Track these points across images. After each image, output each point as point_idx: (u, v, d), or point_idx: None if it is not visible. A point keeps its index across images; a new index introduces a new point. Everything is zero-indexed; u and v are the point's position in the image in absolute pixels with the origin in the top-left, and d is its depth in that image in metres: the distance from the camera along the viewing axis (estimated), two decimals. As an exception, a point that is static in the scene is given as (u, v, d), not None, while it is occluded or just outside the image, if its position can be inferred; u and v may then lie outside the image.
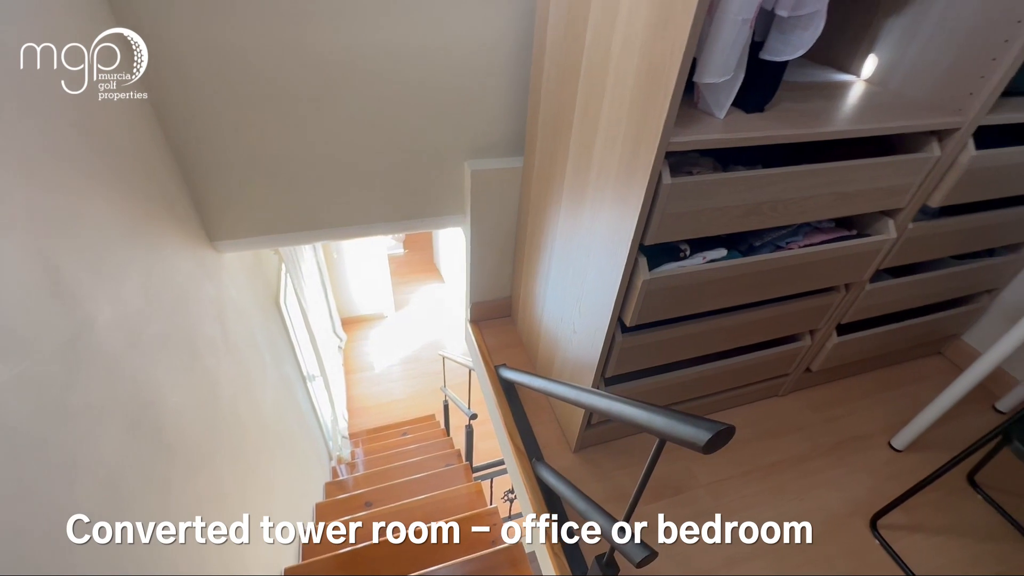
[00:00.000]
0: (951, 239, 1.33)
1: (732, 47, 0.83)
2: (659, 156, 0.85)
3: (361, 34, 1.21)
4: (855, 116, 1.06)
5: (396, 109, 1.35)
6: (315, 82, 1.25)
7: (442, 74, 1.33)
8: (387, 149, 1.42)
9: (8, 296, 0.68)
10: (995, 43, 0.98)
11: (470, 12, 1.25)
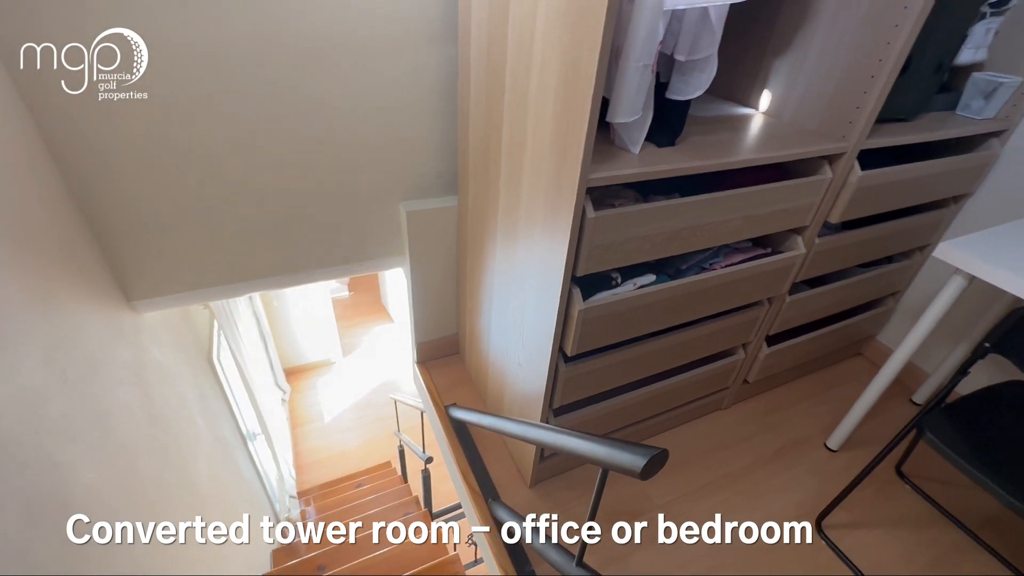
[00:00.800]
0: (853, 250, 1.46)
1: (638, 90, 0.89)
2: (580, 192, 0.89)
3: (286, 79, 1.21)
4: (757, 145, 1.16)
5: (326, 153, 1.35)
6: (237, 129, 1.23)
7: (372, 117, 1.34)
8: (318, 194, 1.40)
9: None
10: (864, 78, 1.11)
11: (398, 59, 1.28)
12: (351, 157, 1.38)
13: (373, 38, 1.23)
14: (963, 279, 1.20)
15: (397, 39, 1.26)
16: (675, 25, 0.94)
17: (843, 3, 1.12)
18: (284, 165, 1.32)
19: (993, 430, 1.11)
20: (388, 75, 1.30)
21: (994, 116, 1.43)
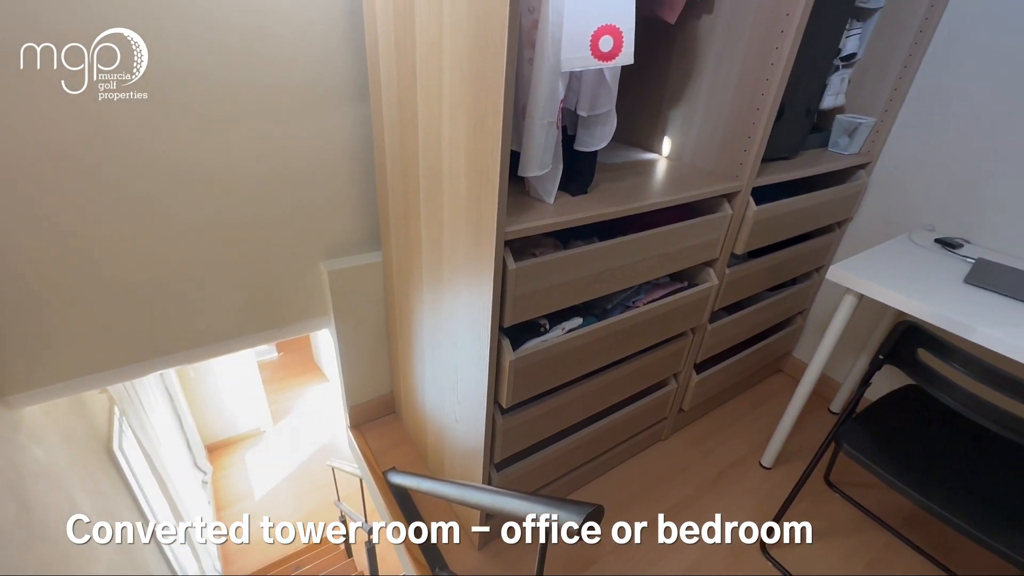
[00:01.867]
0: (760, 276, 1.57)
1: (545, 145, 0.93)
2: (499, 245, 0.90)
3: (183, 146, 1.15)
4: (663, 188, 1.23)
5: (235, 218, 1.28)
6: (125, 199, 1.14)
7: (286, 179, 1.30)
8: (227, 260, 1.32)
9: None
10: (747, 124, 1.23)
11: (309, 119, 1.26)
12: (264, 220, 1.32)
13: (282, 100, 1.21)
14: (854, 296, 1.32)
15: (308, 100, 1.24)
16: (575, 84, 1.00)
17: (722, 61, 1.25)
18: (187, 232, 1.23)
19: (900, 435, 1.20)
20: (300, 136, 1.27)
21: (859, 151, 1.64)
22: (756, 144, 1.23)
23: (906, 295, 1.20)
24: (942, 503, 1.03)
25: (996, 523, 0.99)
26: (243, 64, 1.13)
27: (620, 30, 0.82)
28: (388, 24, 1.05)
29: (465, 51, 0.82)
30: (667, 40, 1.35)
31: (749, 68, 1.20)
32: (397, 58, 1.06)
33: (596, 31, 0.82)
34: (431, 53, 0.92)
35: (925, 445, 1.18)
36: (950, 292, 1.22)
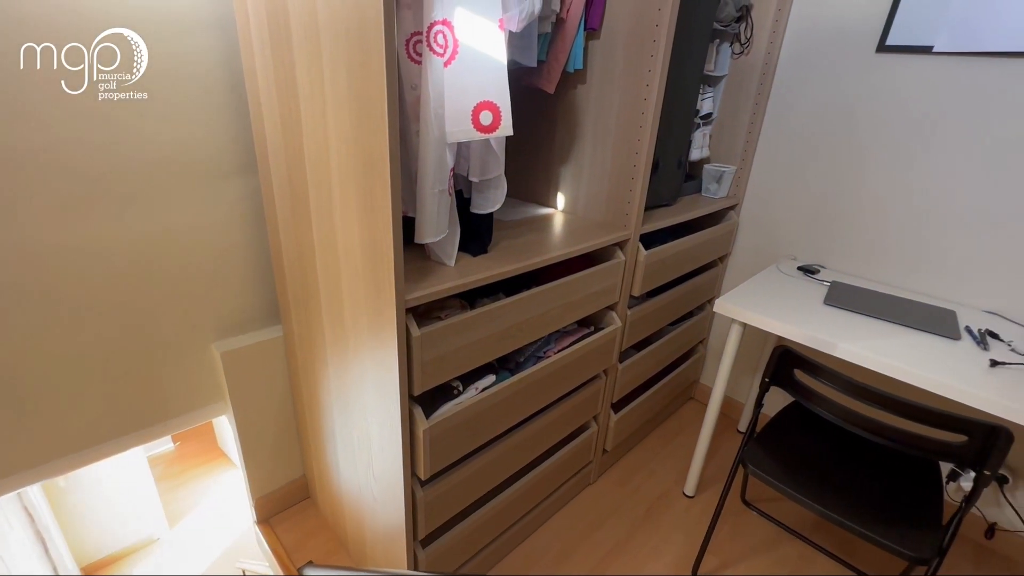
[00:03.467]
0: (660, 313, 1.69)
1: (439, 211, 0.95)
2: (401, 313, 0.88)
3: (44, 230, 1.02)
4: (561, 241, 1.30)
5: (110, 301, 1.15)
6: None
7: (169, 258, 1.20)
8: (102, 351, 1.17)
9: None
10: (628, 178, 1.35)
11: (194, 194, 1.19)
12: (141, 304, 1.20)
13: (159, 175, 1.14)
14: (739, 324, 1.45)
15: (189, 174, 1.18)
16: (465, 152, 1.05)
17: (599, 123, 1.38)
18: (48, 322, 1.08)
19: (793, 450, 1.31)
20: (181, 212, 1.19)
21: (727, 195, 1.85)
22: (638, 195, 1.35)
23: (778, 320, 1.34)
24: (836, 509, 1.12)
25: (881, 521, 1.09)
26: (109, 137, 1.05)
27: (498, 106, 0.88)
28: (272, 98, 1.04)
29: (350, 126, 0.83)
30: (552, 106, 1.47)
31: (622, 129, 1.33)
32: (283, 132, 1.04)
33: (476, 107, 0.88)
34: (316, 127, 0.92)
35: (815, 457, 1.29)
36: (813, 314, 1.39)
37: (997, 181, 1.39)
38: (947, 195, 1.47)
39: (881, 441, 1.06)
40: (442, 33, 0.84)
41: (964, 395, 1.09)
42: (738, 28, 1.68)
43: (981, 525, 1.59)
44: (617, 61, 1.29)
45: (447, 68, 0.86)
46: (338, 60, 0.80)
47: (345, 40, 0.78)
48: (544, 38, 1.24)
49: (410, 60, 0.91)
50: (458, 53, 0.84)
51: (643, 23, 1.22)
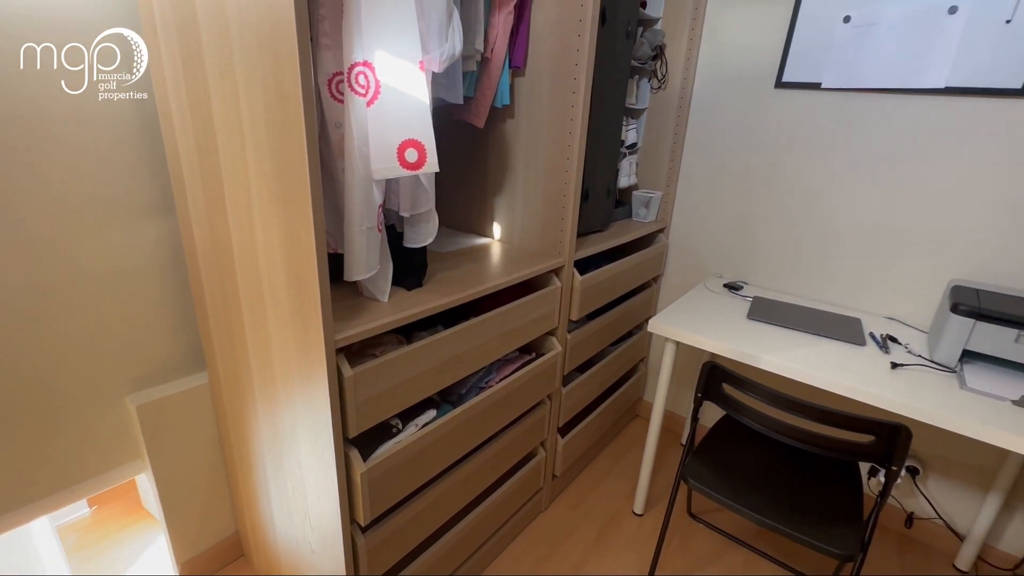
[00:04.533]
0: (600, 335, 1.73)
1: (368, 248, 0.94)
2: (331, 354, 0.86)
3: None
4: (497, 271, 1.32)
5: (3, 356, 1.04)
6: None
7: (74, 307, 1.11)
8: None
9: None
10: (559, 207, 1.40)
11: (102, 239, 1.11)
12: (46, 356, 1.09)
13: (64, 217, 1.06)
14: (672, 342, 1.52)
15: (98, 215, 1.10)
16: (395, 187, 1.05)
17: (529, 155, 1.42)
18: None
19: (729, 461, 1.37)
20: (94, 254, 1.11)
21: (656, 219, 1.95)
22: (570, 223, 1.40)
23: (707, 336, 1.42)
24: (769, 515, 1.17)
25: (809, 522, 1.16)
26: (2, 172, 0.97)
27: (423, 144, 0.89)
28: (188, 136, 1.01)
29: (270, 165, 0.82)
30: (484, 139, 1.51)
31: (551, 160, 1.38)
32: (201, 171, 1.01)
33: (401, 144, 0.89)
34: (236, 167, 0.90)
35: (749, 467, 1.35)
36: (738, 328, 1.48)
37: (883, 198, 1.55)
38: (843, 213, 1.63)
39: (804, 446, 1.13)
40: (363, 74, 0.85)
41: (871, 397, 1.18)
42: (654, 65, 1.81)
43: (901, 516, 1.72)
44: (542, 97, 1.35)
45: (370, 108, 0.86)
46: (255, 100, 0.79)
47: (261, 80, 0.77)
48: (471, 76, 1.28)
49: (333, 99, 0.91)
50: (380, 93, 0.86)
51: (564, 62, 1.29)
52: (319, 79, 0.91)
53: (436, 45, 0.91)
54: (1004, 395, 1.15)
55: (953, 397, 1.16)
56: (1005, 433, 1.04)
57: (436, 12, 0.89)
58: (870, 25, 1.45)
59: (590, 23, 1.23)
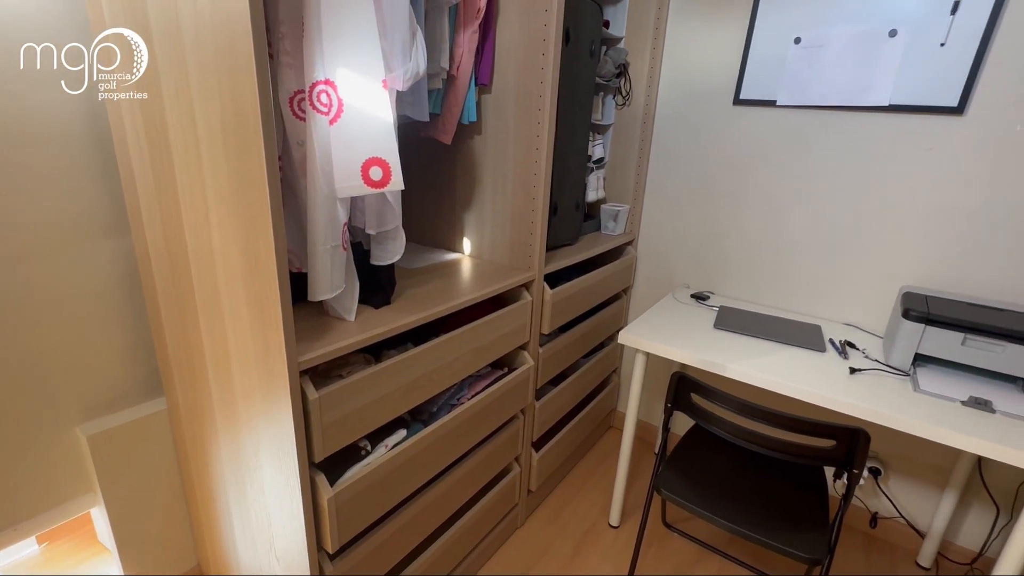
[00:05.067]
0: (571, 347, 1.74)
1: (333, 268, 0.92)
2: (294, 377, 0.84)
3: None
4: (467, 287, 1.31)
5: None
6: None
7: (21, 331, 1.05)
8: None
9: None
10: (528, 222, 1.41)
11: (50, 261, 1.06)
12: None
13: (4, 241, 1.00)
14: (642, 353, 1.54)
15: (45, 237, 1.05)
16: (361, 205, 1.04)
17: (497, 171, 1.43)
18: None
19: (700, 470, 1.39)
20: (39, 277, 1.05)
21: (624, 231, 1.99)
22: (538, 237, 1.41)
23: (675, 347, 1.44)
24: (739, 522, 1.19)
25: (777, 528, 1.18)
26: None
27: (387, 162, 0.89)
28: (143, 156, 0.98)
29: (228, 184, 0.80)
30: (452, 154, 1.51)
31: (519, 175, 1.40)
32: (157, 190, 0.98)
33: (365, 163, 0.88)
34: (193, 185, 0.87)
35: (719, 475, 1.37)
36: (705, 338, 1.51)
37: (836, 210, 1.62)
38: (801, 224, 1.69)
39: (770, 453, 1.16)
40: (325, 92, 0.84)
41: (831, 402, 1.22)
42: (618, 82, 1.85)
43: (866, 516, 1.77)
44: (509, 113, 1.37)
45: (333, 126, 0.86)
46: (212, 118, 0.78)
47: (218, 97, 0.75)
48: (437, 93, 1.28)
49: (295, 117, 0.90)
50: (343, 112, 0.85)
51: (529, 79, 1.31)
52: (280, 97, 0.90)
53: (400, 64, 0.91)
54: (954, 396, 1.21)
55: (908, 400, 1.21)
56: (955, 433, 1.09)
57: (399, 31, 0.90)
58: (819, 46, 1.53)
59: (554, 42, 1.25)
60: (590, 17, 1.53)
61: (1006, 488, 1.51)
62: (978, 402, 1.18)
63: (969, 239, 1.44)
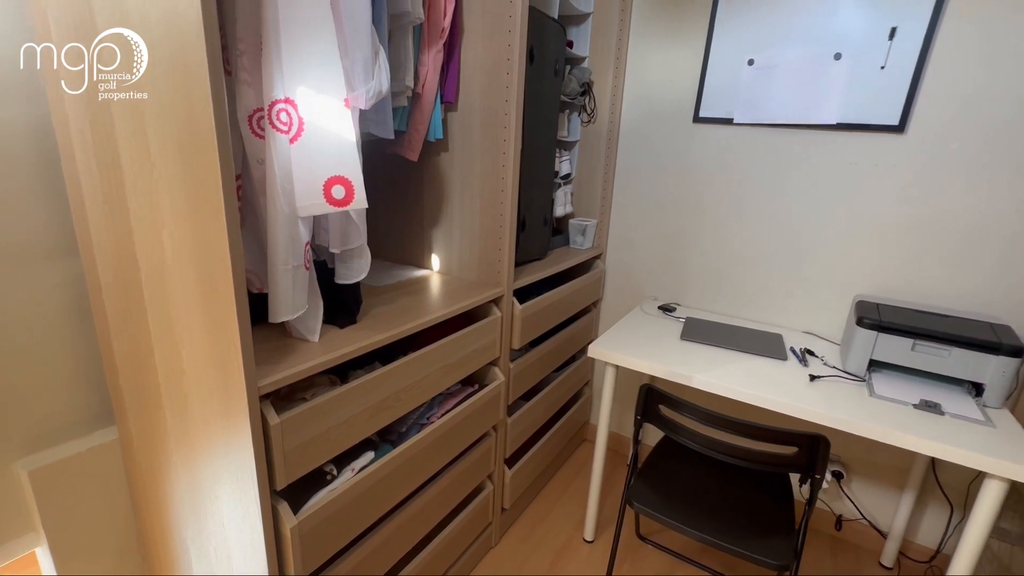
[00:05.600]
0: (543, 362, 1.74)
1: (294, 288, 0.90)
2: (254, 402, 0.81)
3: None
4: (436, 303, 1.30)
5: None
6: None
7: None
8: None
9: None
10: (496, 238, 1.42)
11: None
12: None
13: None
14: (612, 366, 1.55)
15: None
16: (324, 223, 1.02)
17: (464, 187, 1.44)
18: None
19: (670, 481, 1.40)
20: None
21: (592, 245, 2.01)
22: (507, 253, 1.42)
23: (643, 359, 1.46)
24: (709, 532, 1.21)
25: (746, 536, 1.20)
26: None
27: (350, 180, 0.88)
28: (93, 173, 0.94)
29: (184, 203, 0.77)
30: (419, 171, 1.51)
31: (487, 192, 1.40)
32: (107, 209, 0.94)
33: (327, 181, 0.87)
34: (146, 207, 0.84)
35: (689, 485, 1.39)
36: (672, 349, 1.53)
37: (793, 223, 1.69)
38: (762, 236, 1.76)
39: (737, 462, 1.18)
40: (285, 111, 0.83)
41: (793, 409, 1.26)
42: (583, 100, 1.90)
43: (831, 519, 1.81)
44: (475, 131, 1.38)
45: (293, 144, 0.84)
46: (166, 136, 0.76)
47: (173, 115, 0.73)
48: (402, 111, 1.28)
49: (254, 135, 0.89)
50: (304, 130, 0.84)
51: (495, 98, 1.32)
52: (239, 114, 0.88)
53: (362, 82, 0.91)
54: (907, 400, 1.26)
55: (864, 404, 1.26)
56: (908, 435, 1.14)
57: (361, 50, 0.90)
58: (771, 68, 1.61)
59: (518, 62, 1.27)
60: (554, 37, 1.57)
61: (958, 487, 1.57)
62: (928, 405, 1.23)
63: (914, 249, 1.52)
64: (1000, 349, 1.23)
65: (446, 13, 1.23)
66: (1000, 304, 1.43)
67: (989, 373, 1.25)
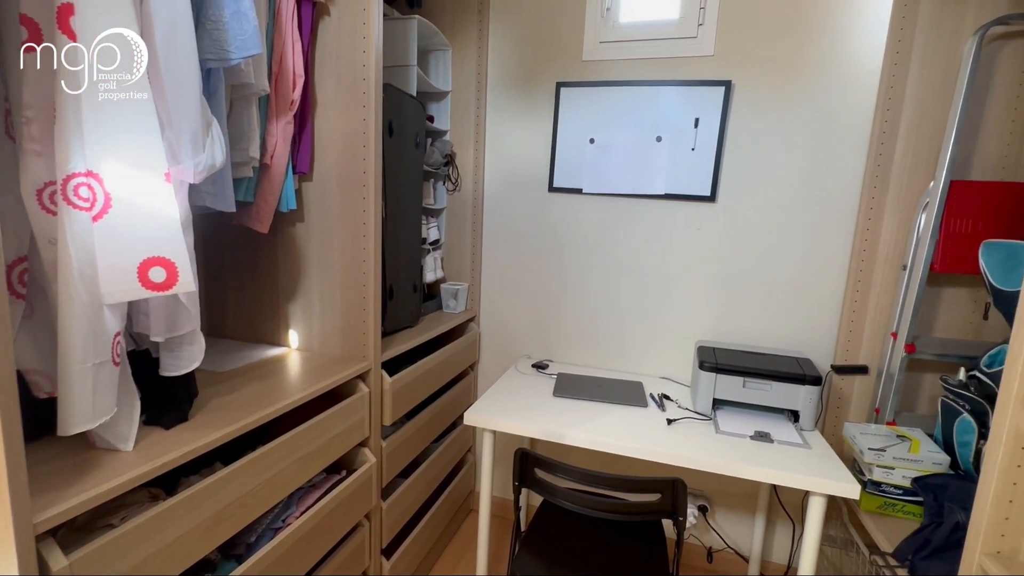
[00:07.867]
0: (420, 434, 1.66)
1: (96, 390, 0.75)
2: (25, 542, 0.64)
3: None
4: (292, 385, 1.18)
5: None
6: None
7: None
8: None
9: None
10: (360, 309, 1.36)
11: None
12: None
13: None
14: (489, 431, 1.53)
15: None
16: (143, 308, 0.89)
17: (323, 258, 1.37)
18: None
19: (554, 545, 1.38)
20: None
21: (465, 308, 2.03)
22: (372, 323, 1.36)
23: (518, 421, 1.47)
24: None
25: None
26: None
27: (172, 261, 0.78)
28: None
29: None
30: (272, 242, 1.41)
31: (347, 262, 1.35)
32: None
33: (143, 263, 0.76)
34: None
35: (572, 547, 1.38)
36: (546, 407, 1.57)
37: (639, 280, 1.88)
38: (615, 294, 1.92)
39: (610, 516, 1.21)
40: (86, 185, 0.72)
41: (654, 454, 1.34)
42: (447, 170, 1.97)
43: (703, 552, 1.93)
44: (332, 201, 1.34)
45: (97, 223, 0.73)
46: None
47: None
48: (248, 182, 1.20)
49: (44, 211, 0.75)
50: (111, 206, 0.74)
51: (352, 168, 1.31)
52: (24, 188, 0.75)
53: (190, 155, 0.83)
54: (744, 432, 1.42)
55: (712, 441, 1.39)
56: (747, 465, 1.27)
57: (188, 122, 0.83)
58: (609, 147, 1.83)
59: (375, 135, 1.28)
60: (412, 112, 1.63)
61: (796, 504, 1.79)
62: (761, 435, 1.40)
63: (736, 298, 1.78)
64: (805, 380, 1.46)
65: (295, 85, 1.21)
66: (801, 340, 1.72)
67: (800, 401, 1.47)
